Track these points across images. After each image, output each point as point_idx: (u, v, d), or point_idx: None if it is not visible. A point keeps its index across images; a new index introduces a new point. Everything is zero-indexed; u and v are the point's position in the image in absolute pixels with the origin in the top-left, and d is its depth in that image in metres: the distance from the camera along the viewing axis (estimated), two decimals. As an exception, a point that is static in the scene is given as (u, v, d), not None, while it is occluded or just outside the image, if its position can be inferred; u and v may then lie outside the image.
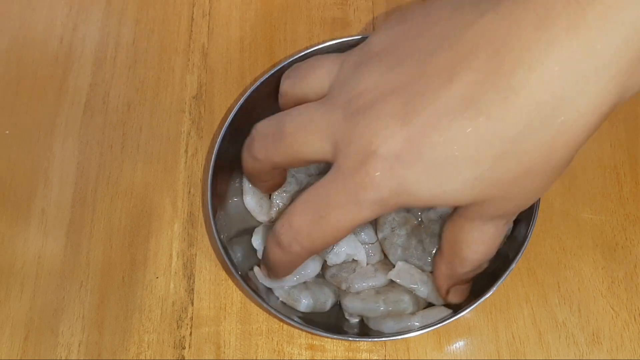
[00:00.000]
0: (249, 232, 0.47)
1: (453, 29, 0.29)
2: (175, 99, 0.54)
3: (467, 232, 0.34)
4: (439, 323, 0.40)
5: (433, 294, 0.42)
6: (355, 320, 0.44)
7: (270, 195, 0.46)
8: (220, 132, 0.45)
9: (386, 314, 0.42)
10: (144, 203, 0.51)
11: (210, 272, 0.48)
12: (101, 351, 0.46)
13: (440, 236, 0.40)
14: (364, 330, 0.44)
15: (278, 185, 0.44)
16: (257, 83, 0.45)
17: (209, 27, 0.57)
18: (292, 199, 0.45)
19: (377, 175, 0.29)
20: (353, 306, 0.43)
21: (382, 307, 0.42)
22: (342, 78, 0.33)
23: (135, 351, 0.46)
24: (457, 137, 0.28)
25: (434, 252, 0.43)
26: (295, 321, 0.41)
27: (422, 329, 0.41)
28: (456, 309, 0.41)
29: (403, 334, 0.41)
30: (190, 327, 0.47)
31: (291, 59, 0.45)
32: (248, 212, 0.47)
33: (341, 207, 0.31)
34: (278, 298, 0.44)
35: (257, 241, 0.46)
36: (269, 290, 0.44)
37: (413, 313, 0.42)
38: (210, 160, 0.44)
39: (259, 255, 0.46)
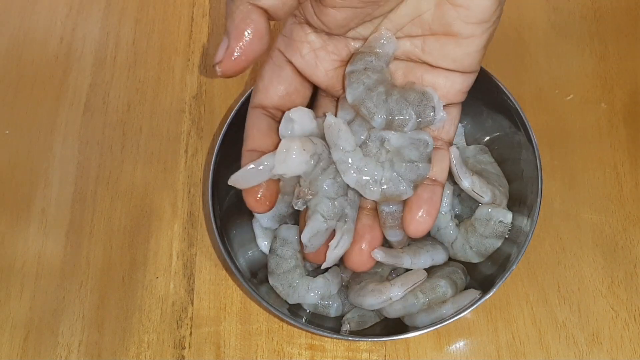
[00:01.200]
0: (249, 231, 0.47)
1: None
2: (175, 99, 0.54)
3: None
4: (439, 323, 0.40)
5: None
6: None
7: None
8: (220, 132, 0.45)
9: (427, 305, 0.42)
10: (144, 203, 0.51)
11: (210, 272, 0.49)
12: (101, 351, 0.46)
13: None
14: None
15: (272, 200, 0.39)
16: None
17: (209, 27, 0.57)
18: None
19: None
20: (394, 310, 0.43)
21: (422, 299, 0.42)
22: None
23: (135, 351, 0.46)
24: None
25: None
26: (295, 321, 0.41)
27: (425, 328, 0.40)
28: (485, 289, 0.41)
29: (405, 334, 0.41)
30: (190, 327, 0.47)
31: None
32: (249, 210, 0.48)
33: None
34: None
35: (256, 222, 0.47)
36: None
37: (448, 300, 0.42)
38: (211, 160, 0.44)
39: (258, 243, 0.47)
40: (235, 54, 0.32)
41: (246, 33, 0.32)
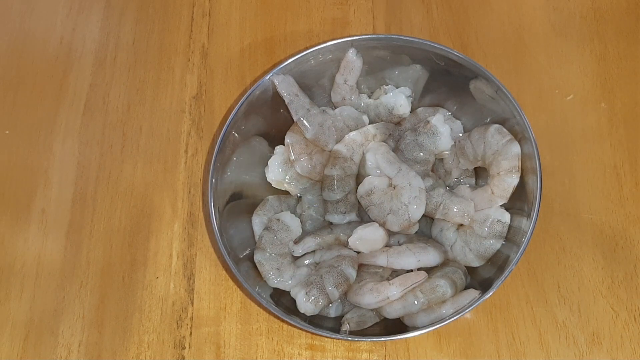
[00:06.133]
0: (249, 230, 0.47)
1: None
2: (175, 99, 0.54)
3: None
4: (439, 323, 0.40)
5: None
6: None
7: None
8: (220, 132, 0.45)
9: (427, 305, 0.42)
10: (144, 203, 0.51)
11: (210, 272, 0.49)
12: (101, 351, 0.46)
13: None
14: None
15: None
16: (258, 83, 0.45)
17: (209, 27, 0.57)
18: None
19: None
20: (394, 310, 0.43)
21: (422, 299, 0.42)
22: None
23: (135, 351, 0.46)
24: None
25: None
26: (295, 321, 0.41)
27: (425, 328, 0.40)
28: (485, 289, 0.41)
29: (405, 334, 0.41)
30: (190, 327, 0.47)
31: (291, 59, 0.46)
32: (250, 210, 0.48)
33: None
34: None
35: (256, 219, 0.47)
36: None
37: (447, 300, 0.42)
38: (211, 160, 0.44)
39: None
40: None
41: None
